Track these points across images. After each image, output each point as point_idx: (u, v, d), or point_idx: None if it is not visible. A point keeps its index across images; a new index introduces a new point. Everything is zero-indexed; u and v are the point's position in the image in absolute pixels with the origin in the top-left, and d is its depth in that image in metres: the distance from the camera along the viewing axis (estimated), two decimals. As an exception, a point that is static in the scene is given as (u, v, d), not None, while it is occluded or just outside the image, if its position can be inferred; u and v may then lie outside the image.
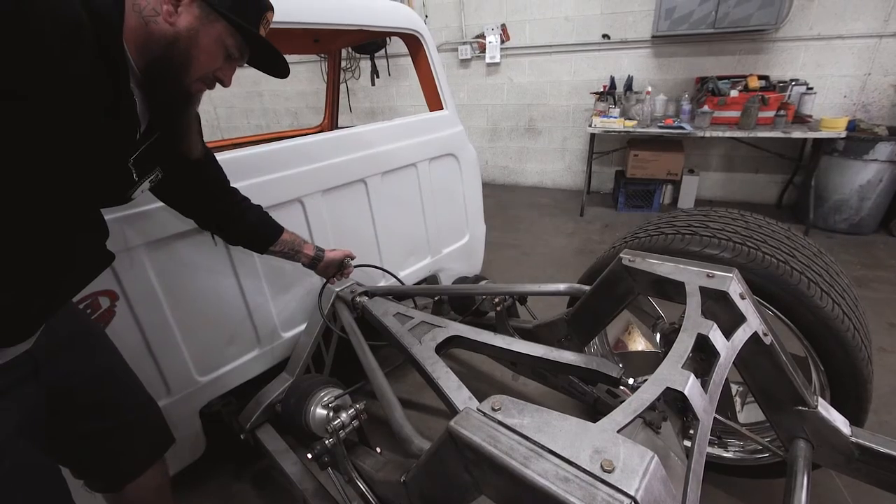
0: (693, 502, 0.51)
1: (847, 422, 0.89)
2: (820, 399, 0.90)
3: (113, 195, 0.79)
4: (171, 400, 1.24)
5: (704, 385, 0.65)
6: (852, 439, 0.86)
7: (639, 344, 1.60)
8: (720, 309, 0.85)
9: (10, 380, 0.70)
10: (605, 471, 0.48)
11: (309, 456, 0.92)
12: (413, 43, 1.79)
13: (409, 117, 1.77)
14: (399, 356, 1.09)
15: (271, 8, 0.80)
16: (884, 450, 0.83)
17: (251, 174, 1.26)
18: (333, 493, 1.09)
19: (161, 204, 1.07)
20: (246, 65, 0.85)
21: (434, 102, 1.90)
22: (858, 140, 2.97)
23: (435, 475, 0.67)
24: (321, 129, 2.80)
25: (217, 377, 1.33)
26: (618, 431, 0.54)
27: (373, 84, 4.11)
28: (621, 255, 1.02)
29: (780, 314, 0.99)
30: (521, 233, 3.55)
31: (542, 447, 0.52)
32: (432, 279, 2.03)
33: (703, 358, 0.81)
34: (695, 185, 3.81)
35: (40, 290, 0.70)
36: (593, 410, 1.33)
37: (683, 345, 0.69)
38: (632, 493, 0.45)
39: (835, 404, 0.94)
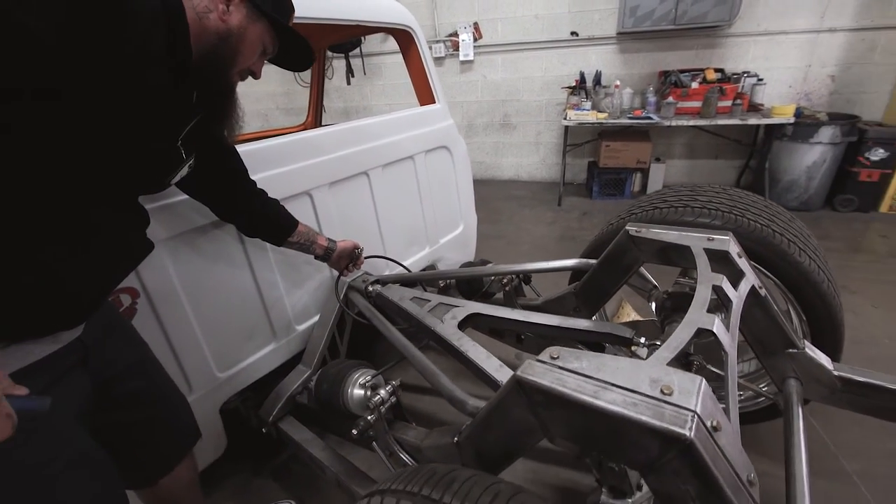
0: (734, 416, 0.60)
1: (829, 359, 1.02)
2: (805, 342, 1.03)
3: (162, 174, 0.82)
4: (193, 398, 1.22)
5: (726, 326, 0.74)
6: (835, 373, 0.99)
7: (632, 316, 1.72)
8: (722, 267, 0.95)
9: (65, 366, 0.71)
10: (664, 394, 0.56)
11: (354, 432, 0.96)
12: (404, 38, 1.84)
13: (406, 111, 1.82)
14: (396, 353, 1.15)
15: (294, 9, 0.87)
16: (862, 379, 0.96)
17: (262, 167, 1.27)
18: (365, 469, 1.14)
19: (178, 199, 1.08)
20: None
21: (426, 97, 1.95)
22: (804, 125, 3.27)
23: (495, 427, 0.73)
24: (305, 128, 2.78)
25: (236, 373, 1.33)
26: (666, 364, 0.62)
27: (348, 83, 4.10)
28: (627, 226, 1.12)
29: (766, 271, 1.12)
30: (504, 224, 3.66)
31: (606, 382, 0.59)
32: (431, 269, 2.08)
33: (717, 306, 0.91)
34: (662, 172, 4.05)
35: (99, 273, 0.71)
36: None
37: (703, 294, 0.79)
38: (692, 408, 0.53)
39: (815, 343, 1.08)
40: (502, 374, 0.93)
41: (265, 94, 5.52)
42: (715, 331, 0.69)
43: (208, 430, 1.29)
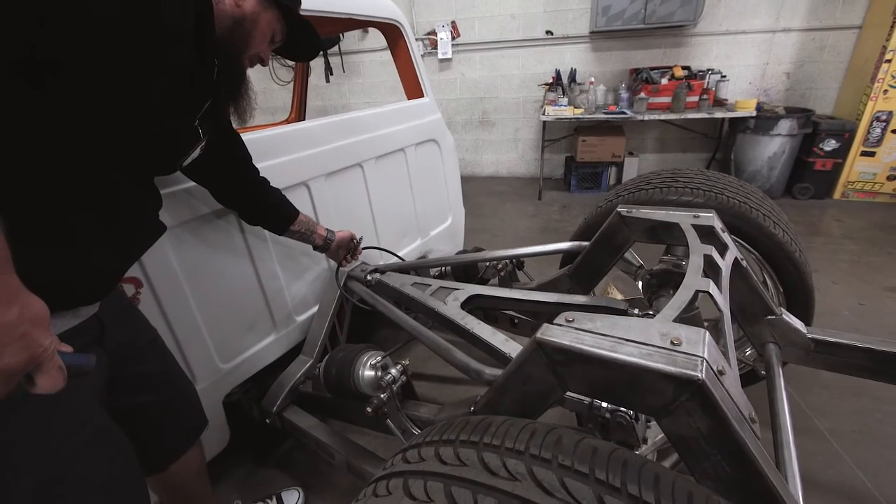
0: (733, 363, 0.67)
1: (803, 324, 1.12)
2: (782, 308, 1.13)
3: (179, 151, 0.83)
4: (197, 389, 1.21)
5: (718, 288, 0.81)
6: (809, 336, 1.09)
7: (618, 296, 1.81)
8: (708, 240, 1.03)
9: (83, 343, 0.71)
10: (674, 345, 0.61)
11: (368, 410, 0.98)
12: (393, 33, 1.86)
13: (397, 104, 1.84)
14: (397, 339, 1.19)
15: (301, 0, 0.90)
16: (832, 339, 1.06)
17: (263, 157, 1.27)
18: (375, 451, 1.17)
19: (180, 187, 1.08)
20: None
21: (414, 91, 1.98)
22: (765, 118, 3.49)
23: (513, 391, 0.77)
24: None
25: (238, 364, 1.33)
26: (672, 321, 0.68)
27: (327, 81, 4.07)
28: (618, 208, 1.19)
29: (745, 244, 1.22)
30: (488, 218, 3.73)
31: (621, 338, 0.64)
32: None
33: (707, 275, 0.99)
34: (635, 165, 4.22)
35: (122, 246, 0.72)
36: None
37: (696, 262, 0.86)
38: (700, 354, 0.59)
39: (790, 309, 1.18)
40: (509, 347, 0.98)
41: (239, 92, 5.38)
42: (711, 292, 0.76)
43: (212, 423, 1.27)
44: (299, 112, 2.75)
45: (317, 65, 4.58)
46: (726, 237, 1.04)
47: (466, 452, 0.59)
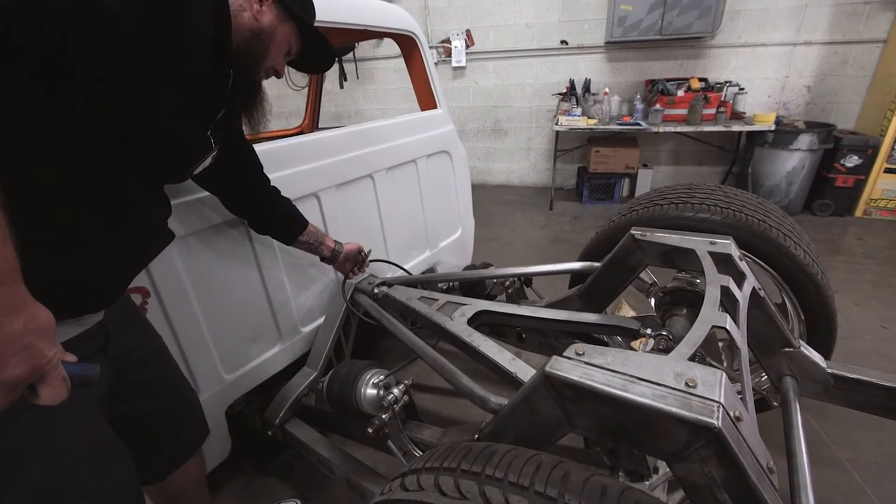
0: (751, 407, 0.64)
1: (823, 358, 1.08)
2: (801, 341, 1.08)
3: (191, 159, 0.83)
4: (200, 400, 1.21)
5: (735, 323, 0.78)
6: (829, 371, 1.05)
7: (629, 314, 1.78)
8: (725, 269, 1.00)
9: (87, 351, 0.70)
10: (689, 387, 0.59)
11: (369, 430, 0.97)
12: (407, 44, 1.86)
13: (409, 115, 1.84)
14: (402, 353, 1.17)
15: (315, 13, 0.90)
16: (854, 376, 1.02)
17: (275, 168, 1.27)
18: (376, 468, 1.15)
19: (189, 198, 1.08)
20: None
21: (427, 102, 1.98)
22: (784, 132, 3.42)
23: (519, 422, 0.75)
24: (301, 131, 2.78)
25: (242, 375, 1.32)
26: (687, 360, 0.65)
27: (341, 87, 4.10)
28: (632, 230, 1.16)
29: (763, 264, 1.17)
30: (498, 227, 3.70)
31: (633, 376, 0.62)
32: (431, 272, 2.10)
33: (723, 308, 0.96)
34: (649, 177, 4.16)
35: (128, 252, 0.72)
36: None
37: (713, 294, 0.83)
38: (717, 398, 0.56)
39: (810, 335, 1.14)
40: (515, 367, 0.95)
41: (254, 96, 5.45)
42: (728, 328, 0.73)
43: (214, 433, 1.27)
44: (313, 118, 2.77)
45: (331, 71, 4.62)
46: (744, 266, 1.00)
47: (467, 484, 0.56)
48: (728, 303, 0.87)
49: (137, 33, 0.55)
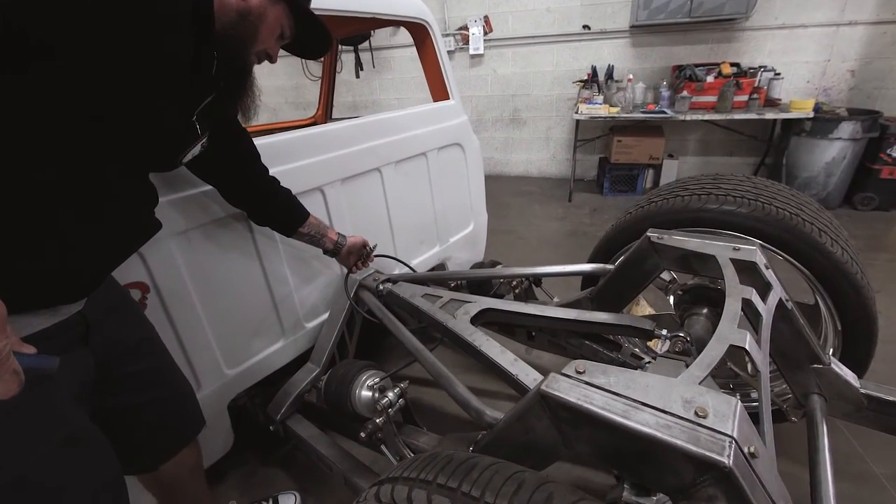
0: (769, 440, 0.58)
1: (856, 376, 0.99)
2: (832, 357, 1.00)
3: (176, 148, 0.80)
4: (202, 394, 1.21)
5: (757, 342, 0.71)
6: (862, 391, 0.96)
7: (647, 310, 1.69)
8: (749, 278, 0.92)
9: (65, 342, 0.69)
10: (699, 416, 0.53)
11: (362, 435, 0.94)
12: (420, 32, 1.80)
13: (420, 107, 1.78)
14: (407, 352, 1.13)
15: None
16: (890, 398, 0.93)
17: (277, 162, 1.25)
18: (375, 469, 1.13)
19: (189, 193, 1.07)
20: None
21: (440, 93, 1.91)
22: (824, 120, 3.19)
23: (514, 440, 0.71)
24: (314, 121, 2.76)
25: (244, 370, 1.32)
26: (699, 384, 0.59)
27: (357, 76, 4.06)
28: (648, 232, 1.08)
29: (796, 262, 1.07)
30: (514, 219, 3.62)
31: (636, 401, 0.56)
32: (440, 268, 2.06)
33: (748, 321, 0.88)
34: (675, 168, 3.98)
35: (104, 247, 0.69)
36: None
37: (733, 308, 0.76)
38: (729, 432, 0.50)
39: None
40: (517, 369, 0.91)
41: (274, 88, 5.48)
42: (747, 348, 0.66)
43: (216, 427, 1.29)
44: (326, 108, 2.74)
45: (347, 60, 4.58)
46: (770, 275, 0.92)
47: (440, 500, 0.53)
48: (751, 315, 0.79)
49: (112, 4, 0.54)
